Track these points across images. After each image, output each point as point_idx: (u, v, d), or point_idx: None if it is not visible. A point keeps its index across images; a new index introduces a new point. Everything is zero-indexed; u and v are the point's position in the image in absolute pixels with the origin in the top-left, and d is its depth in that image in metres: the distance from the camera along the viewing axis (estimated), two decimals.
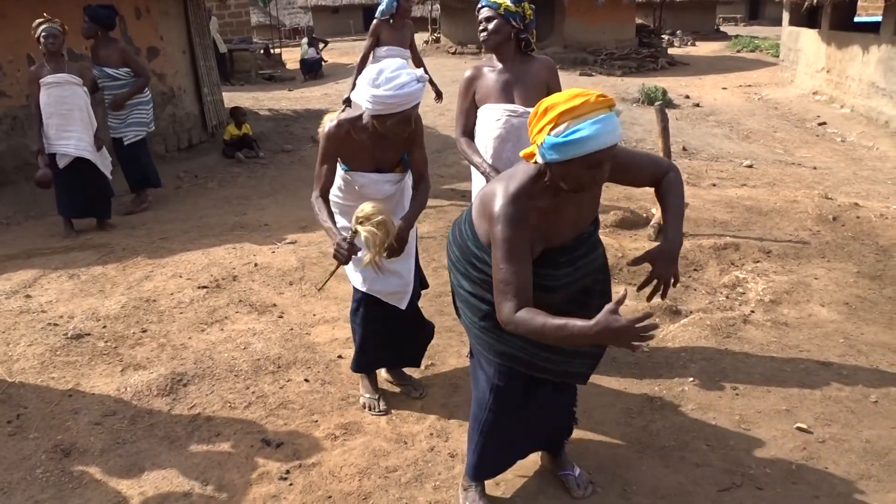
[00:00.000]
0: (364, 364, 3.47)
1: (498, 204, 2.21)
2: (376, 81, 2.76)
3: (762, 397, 3.41)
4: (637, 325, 1.95)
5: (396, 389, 3.57)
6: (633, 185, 2.54)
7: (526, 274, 2.19)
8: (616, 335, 1.97)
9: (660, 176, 2.48)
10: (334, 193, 3.17)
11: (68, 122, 5.88)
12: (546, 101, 2.12)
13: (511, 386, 2.53)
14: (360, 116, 2.95)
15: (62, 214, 6.18)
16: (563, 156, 2.07)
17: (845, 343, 3.93)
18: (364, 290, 3.28)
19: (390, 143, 3.02)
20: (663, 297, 2.48)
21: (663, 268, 2.40)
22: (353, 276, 3.32)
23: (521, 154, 2.25)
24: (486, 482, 2.76)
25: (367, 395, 3.43)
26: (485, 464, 2.67)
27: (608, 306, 1.99)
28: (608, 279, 2.61)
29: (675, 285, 2.45)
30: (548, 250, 2.32)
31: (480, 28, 3.37)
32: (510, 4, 3.30)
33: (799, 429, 3.15)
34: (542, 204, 2.23)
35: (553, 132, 2.06)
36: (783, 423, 3.19)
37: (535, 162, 2.17)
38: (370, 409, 3.38)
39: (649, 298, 2.48)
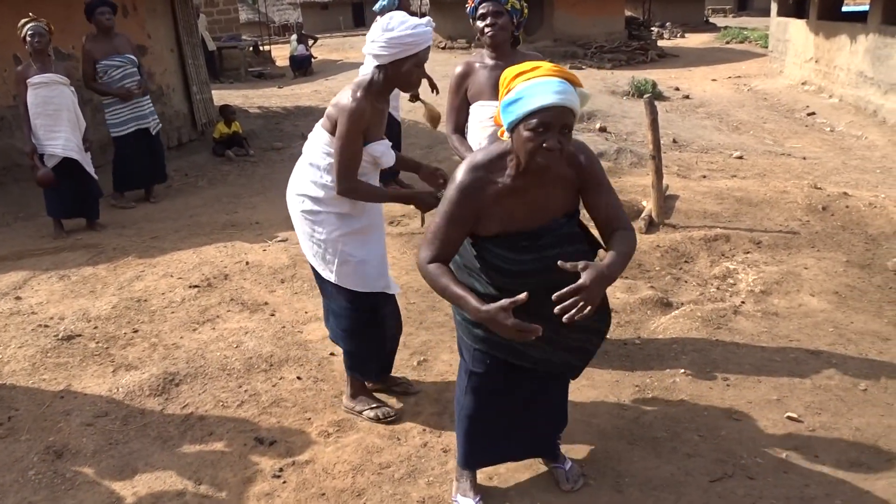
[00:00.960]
0: (373, 372, 3.37)
1: (458, 169, 2.32)
2: (389, 26, 2.80)
3: (753, 387, 3.43)
4: (518, 330, 2.12)
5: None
6: (591, 215, 2.41)
7: (455, 237, 2.31)
8: (499, 329, 2.15)
9: (614, 227, 2.36)
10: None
11: (56, 122, 5.85)
12: (505, 72, 2.24)
13: (489, 372, 2.54)
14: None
15: (51, 215, 6.16)
16: (510, 117, 2.15)
17: (835, 332, 3.95)
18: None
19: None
20: (573, 317, 2.08)
21: (594, 286, 2.10)
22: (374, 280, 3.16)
23: (499, 132, 2.34)
24: (479, 474, 2.77)
25: (374, 406, 3.29)
26: (473, 451, 2.68)
27: (503, 302, 2.11)
28: None
29: (588, 315, 2.10)
30: (508, 233, 2.33)
31: (487, 23, 3.28)
32: (515, 1, 3.30)
33: (789, 418, 3.17)
34: (503, 180, 2.27)
35: (505, 97, 2.17)
36: (774, 413, 3.21)
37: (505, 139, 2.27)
38: (385, 417, 3.25)
39: (562, 314, 2.11)
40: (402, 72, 2.86)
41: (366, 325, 3.21)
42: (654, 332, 4.05)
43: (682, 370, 3.59)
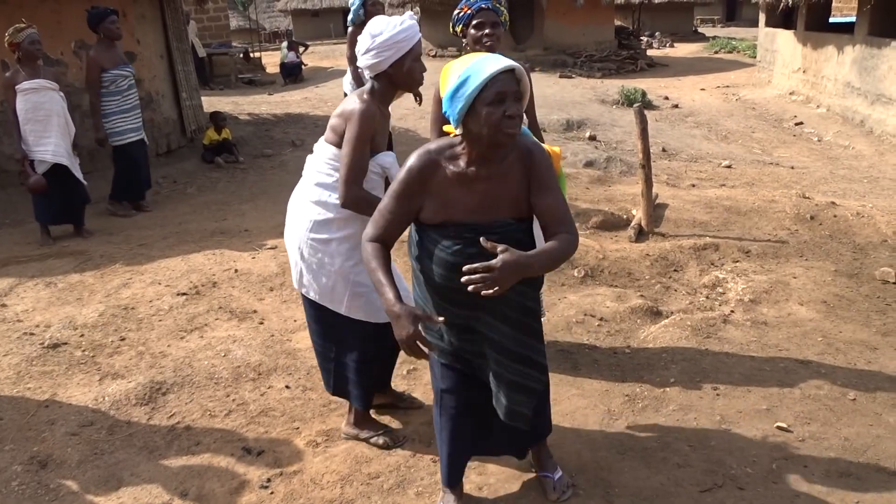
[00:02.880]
0: (370, 399, 3.20)
1: (412, 154, 2.35)
2: (376, 31, 2.74)
3: (742, 397, 3.43)
4: (414, 342, 2.17)
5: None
6: (536, 215, 2.39)
7: (398, 217, 2.34)
8: (399, 332, 2.18)
9: (557, 229, 2.32)
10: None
11: (46, 128, 5.81)
12: (442, 71, 2.30)
13: (457, 387, 2.55)
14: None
15: (40, 221, 6.11)
16: (461, 101, 2.16)
17: (824, 341, 3.97)
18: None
19: None
20: (477, 288, 2.08)
21: (506, 269, 2.08)
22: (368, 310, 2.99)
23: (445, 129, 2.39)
24: (467, 485, 2.77)
25: (381, 432, 3.15)
26: (455, 470, 2.67)
27: (417, 310, 2.19)
28: (532, 291, 2.48)
29: (490, 292, 2.07)
30: (453, 222, 2.31)
31: (486, 32, 3.31)
32: (505, 12, 3.35)
33: (779, 428, 3.17)
34: (454, 168, 2.29)
35: (448, 88, 2.21)
36: (763, 423, 3.21)
37: (455, 134, 2.31)
38: (394, 443, 3.11)
39: (466, 283, 2.11)
40: (404, 71, 2.82)
41: (375, 357, 3.07)
42: (643, 341, 4.04)
43: (672, 380, 3.59)
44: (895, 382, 3.51)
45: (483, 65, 2.17)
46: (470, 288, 2.08)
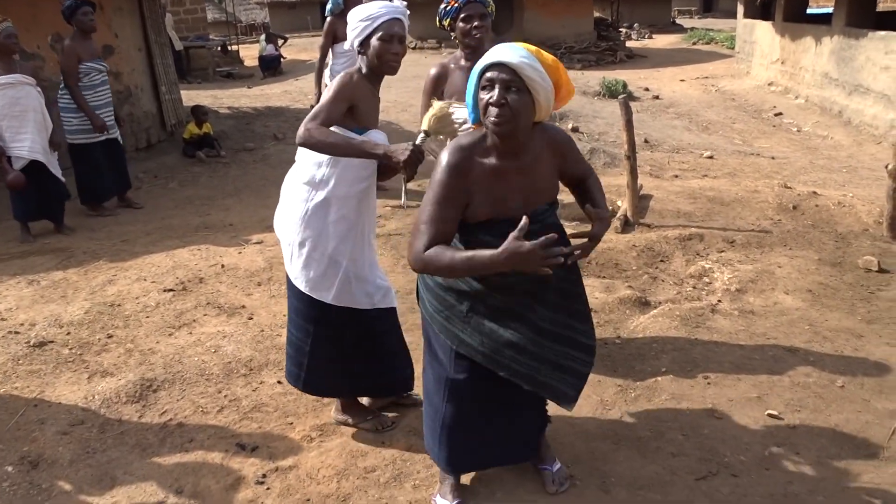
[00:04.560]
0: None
1: (443, 152, 2.31)
2: (365, 10, 2.78)
3: (733, 385, 3.47)
4: (541, 249, 2.05)
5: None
6: (578, 178, 2.55)
7: (449, 221, 2.26)
8: (524, 259, 2.06)
9: (585, 176, 2.56)
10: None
11: (22, 123, 5.70)
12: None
13: (470, 379, 2.51)
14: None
15: (18, 219, 6.01)
16: (471, 96, 2.30)
17: (810, 329, 4.02)
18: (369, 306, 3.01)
19: None
20: (572, 258, 2.23)
21: (603, 230, 2.38)
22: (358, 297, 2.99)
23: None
24: (464, 476, 2.76)
25: (370, 417, 3.20)
26: (458, 456, 2.64)
27: (512, 233, 2.07)
28: (572, 274, 2.54)
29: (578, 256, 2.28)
30: (499, 219, 2.32)
31: (475, 25, 3.30)
32: (491, 3, 3.35)
33: (770, 415, 3.21)
34: (488, 162, 2.30)
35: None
36: (755, 411, 3.25)
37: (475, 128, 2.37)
38: (383, 427, 3.16)
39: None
40: (371, 50, 2.80)
41: (346, 345, 3.05)
42: (633, 331, 4.07)
43: (664, 369, 3.62)
44: (882, 369, 3.57)
45: (485, 58, 2.25)
46: (567, 260, 2.14)
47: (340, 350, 3.03)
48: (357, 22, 2.81)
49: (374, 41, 2.78)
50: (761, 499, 2.68)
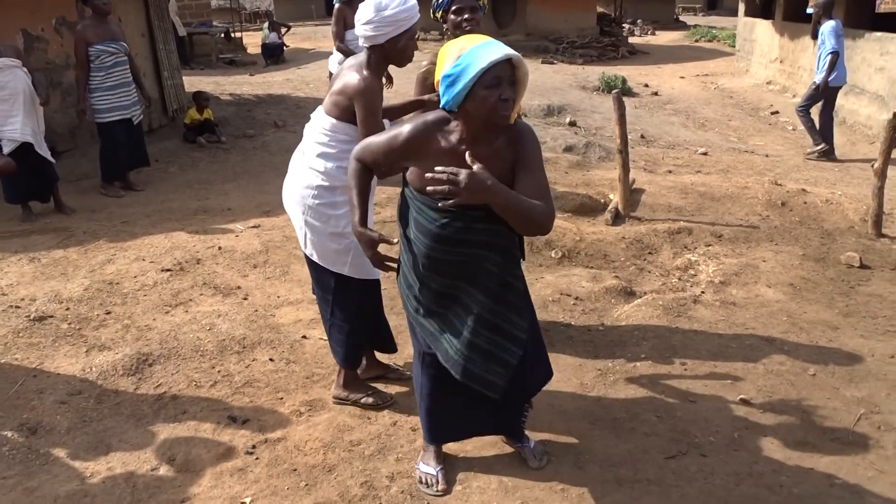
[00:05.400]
0: (357, 360, 3.39)
1: (411, 121, 2.45)
2: (383, 5, 2.83)
3: (709, 372, 3.59)
4: (379, 259, 2.52)
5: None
6: (518, 189, 2.42)
7: (384, 152, 2.48)
8: (364, 251, 2.53)
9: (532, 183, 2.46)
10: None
11: (12, 106, 5.70)
12: (440, 53, 2.37)
13: (436, 356, 2.62)
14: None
15: (9, 202, 6.07)
16: (461, 85, 2.22)
17: (788, 321, 4.13)
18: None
19: None
20: (435, 189, 2.21)
21: (473, 181, 2.18)
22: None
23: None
24: (446, 448, 2.91)
25: (370, 393, 3.34)
26: (434, 427, 2.81)
27: (375, 234, 2.49)
28: (508, 263, 2.55)
29: (450, 203, 2.22)
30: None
31: (466, 17, 3.38)
32: None
33: (742, 400, 3.33)
34: (445, 142, 2.38)
35: (447, 72, 2.27)
36: (728, 396, 3.37)
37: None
38: (383, 402, 3.30)
39: (430, 185, 2.24)
40: (399, 48, 2.93)
41: (363, 312, 3.24)
42: (617, 319, 4.19)
43: (643, 355, 3.74)
44: (853, 359, 3.69)
45: (482, 52, 2.22)
46: (429, 189, 2.21)
47: (349, 311, 3.21)
48: (394, 20, 2.85)
49: (403, 40, 2.92)
50: (727, 477, 2.81)
